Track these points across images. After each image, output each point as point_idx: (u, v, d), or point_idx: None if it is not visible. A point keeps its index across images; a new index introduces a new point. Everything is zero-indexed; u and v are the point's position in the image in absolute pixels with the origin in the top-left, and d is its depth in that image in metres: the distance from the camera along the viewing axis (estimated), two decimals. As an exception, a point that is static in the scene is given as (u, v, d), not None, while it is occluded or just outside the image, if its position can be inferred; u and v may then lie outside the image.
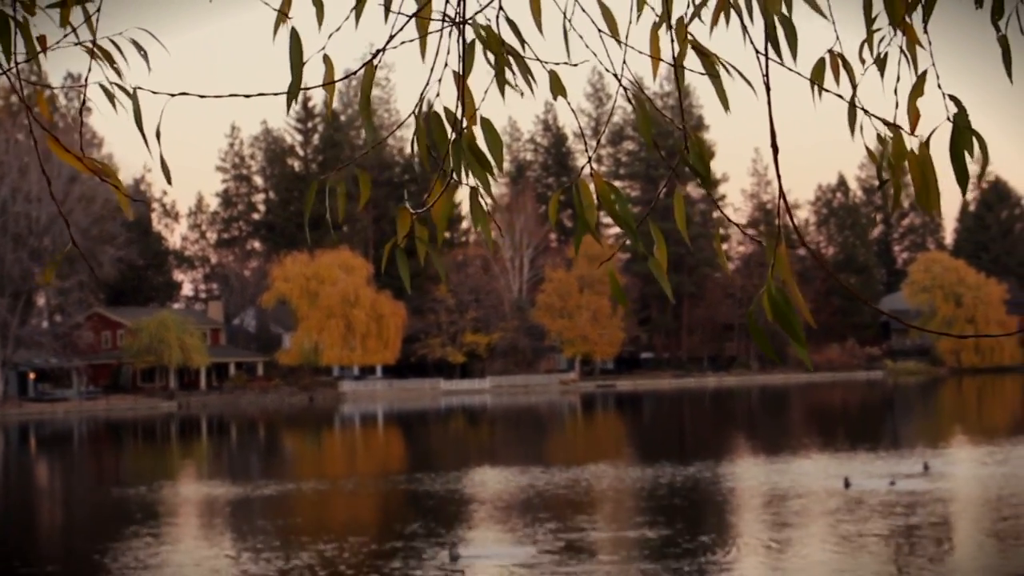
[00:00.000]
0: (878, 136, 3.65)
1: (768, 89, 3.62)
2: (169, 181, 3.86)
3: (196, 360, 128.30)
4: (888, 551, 24.99)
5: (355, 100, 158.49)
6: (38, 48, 3.67)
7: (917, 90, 3.60)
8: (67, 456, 69.24)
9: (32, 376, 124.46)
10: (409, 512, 35.27)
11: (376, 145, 4.19)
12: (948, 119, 3.46)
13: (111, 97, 3.72)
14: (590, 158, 3.76)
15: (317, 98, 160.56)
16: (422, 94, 3.66)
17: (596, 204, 3.86)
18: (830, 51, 3.71)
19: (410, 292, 6.66)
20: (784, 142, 3.85)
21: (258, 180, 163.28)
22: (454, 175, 3.67)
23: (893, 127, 3.58)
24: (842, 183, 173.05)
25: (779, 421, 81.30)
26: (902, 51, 3.62)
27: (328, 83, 3.78)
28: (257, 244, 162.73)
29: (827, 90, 3.68)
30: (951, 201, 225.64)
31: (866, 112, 3.63)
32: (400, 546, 27.46)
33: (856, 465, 42.76)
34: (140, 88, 3.69)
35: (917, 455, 46.00)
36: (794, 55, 3.60)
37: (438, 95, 3.65)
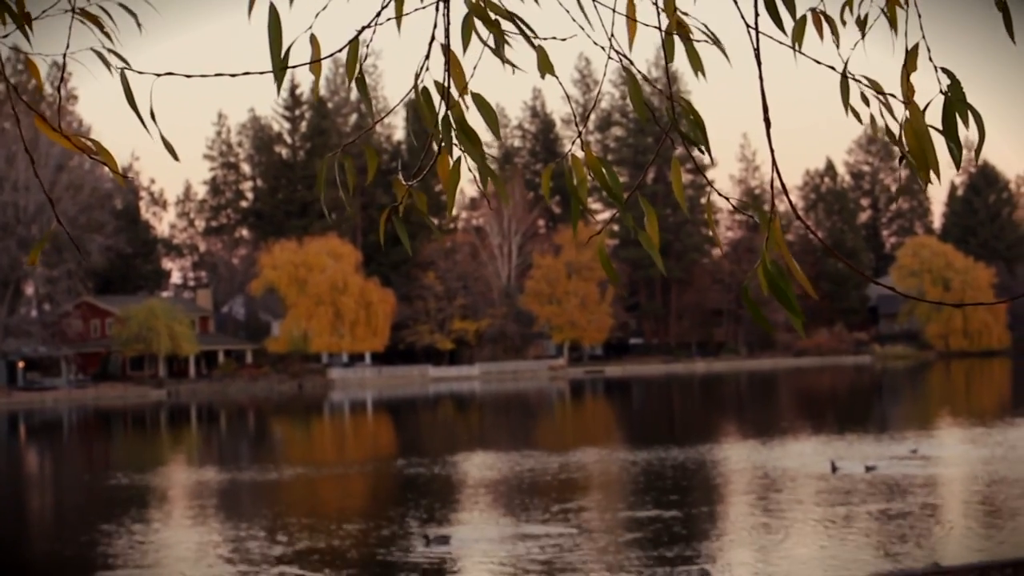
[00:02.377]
0: (863, 98, 3.66)
1: (759, 63, 3.64)
2: (175, 157, 3.87)
3: (185, 348, 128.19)
4: (876, 534, 25.07)
5: (343, 87, 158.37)
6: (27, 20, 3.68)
7: (910, 64, 3.62)
8: (57, 445, 69.20)
9: (21, 365, 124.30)
10: (398, 497, 35.31)
11: (365, 131, 4.20)
12: (941, 92, 3.48)
13: (105, 62, 3.72)
14: (580, 132, 3.78)
15: (304, 85, 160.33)
16: (420, 68, 3.67)
17: (588, 180, 3.87)
18: (812, 9, 3.73)
19: (411, 254, 6.68)
20: (776, 124, 3.88)
21: (246, 168, 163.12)
22: (446, 146, 3.69)
23: (884, 95, 3.60)
24: (830, 168, 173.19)
25: (767, 406, 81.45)
26: (883, 12, 3.64)
27: (314, 61, 3.78)
28: (245, 232, 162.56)
29: (818, 61, 3.70)
30: (939, 185, 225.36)
31: (858, 80, 3.64)
32: (389, 530, 27.51)
33: (843, 449, 42.87)
34: (128, 68, 3.69)
35: (905, 439, 46.12)
36: (781, 28, 3.62)
37: (427, 69, 3.67)
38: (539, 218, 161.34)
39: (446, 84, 3.66)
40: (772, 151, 3.66)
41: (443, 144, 3.69)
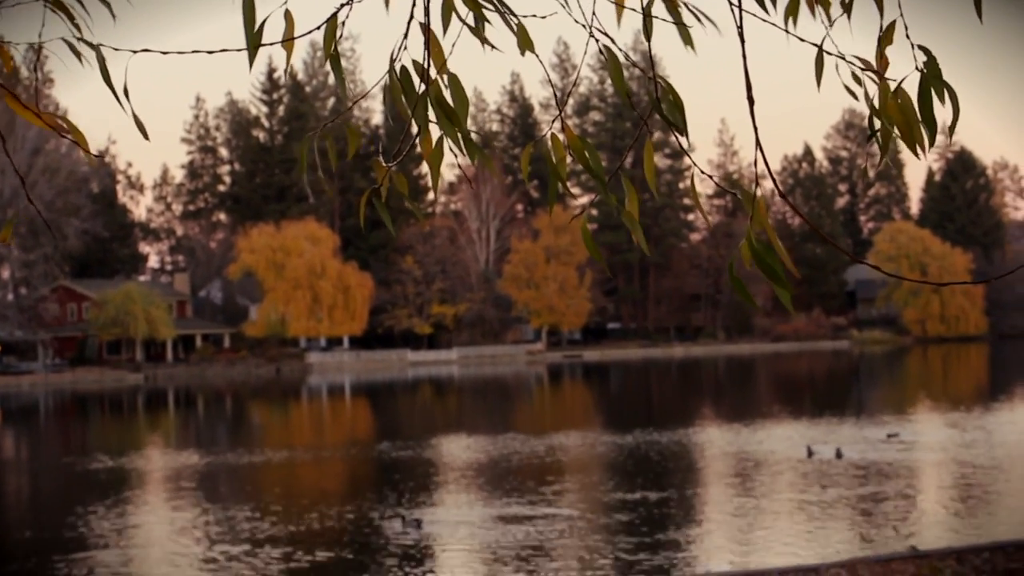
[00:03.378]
0: (854, 77, 3.65)
1: (743, 41, 3.62)
2: (145, 136, 3.83)
3: (162, 332, 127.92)
4: (852, 518, 25.13)
5: (321, 70, 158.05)
6: None
7: (886, 38, 3.60)
8: (34, 429, 68.99)
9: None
10: (376, 480, 35.31)
11: (345, 112, 4.17)
12: (917, 69, 3.47)
13: (77, 53, 3.68)
14: (560, 111, 3.75)
15: (282, 68, 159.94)
16: (398, 47, 3.64)
17: (568, 161, 3.85)
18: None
19: (393, 235, 6.71)
20: (754, 107, 3.85)
21: (223, 152, 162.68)
22: (425, 125, 3.66)
23: (868, 67, 3.58)
24: (808, 153, 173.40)
25: (745, 391, 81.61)
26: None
27: (288, 40, 3.74)
28: (223, 216, 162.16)
29: (802, 39, 3.68)
30: (917, 171, 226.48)
31: (841, 57, 3.63)
32: (366, 513, 27.50)
33: (820, 434, 42.97)
34: (103, 45, 3.65)
35: (882, 423, 46.25)
36: (763, 6, 3.59)
37: (405, 48, 3.63)
38: (517, 202, 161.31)
39: (425, 63, 3.63)
40: (756, 129, 3.64)
41: (421, 124, 3.66)
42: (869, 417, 50.54)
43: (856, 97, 3.70)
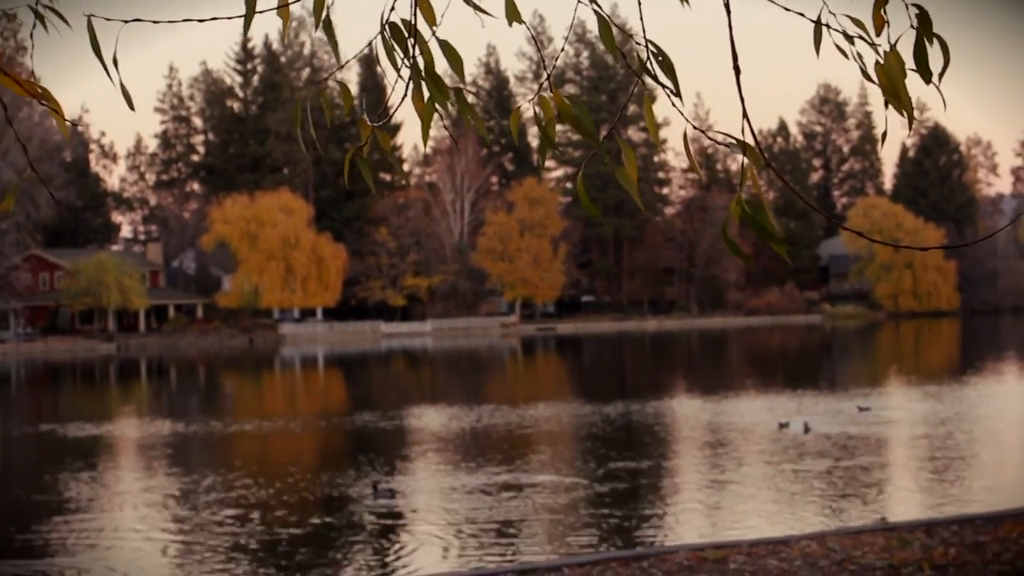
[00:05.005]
0: (845, 36, 3.67)
1: (728, 11, 3.64)
2: (131, 107, 3.84)
3: (135, 302, 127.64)
4: (823, 491, 25.26)
5: (296, 41, 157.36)
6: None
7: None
8: (5, 398, 68.79)
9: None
10: (348, 450, 35.33)
11: (338, 67, 4.18)
12: (912, 27, 3.52)
13: (41, 20, 3.67)
14: (548, 75, 3.77)
15: (257, 38, 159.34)
16: (386, 8, 3.65)
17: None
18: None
19: (374, 193, 6.75)
20: (725, 86, 3.88)
21: (197, 122, 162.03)
22: (415, 85, 3.69)
23: (860, 26, 3.61)
24: (783, 128, 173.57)
25: (718, 364, 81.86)
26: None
27: (283, 5, 3.76)
28: (196, 186, 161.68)
29: (789, 9, 3.70)
30: (891, 146, 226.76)
31: (832, 15, 3.65)
32: (338, 483, 27.53)
33: (792, 407, 43.15)
34: (93, 16, 3.66)
35: (853, 397, 46.45)
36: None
37: (393, 9, 3.64)
38: (492, 175, 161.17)
39: (413, 18, 3.64)
40: (742, 100, 3.68)
41: (410, 84, 3.68)
42: (840, 391, 50.75)
43: (847, 55, 3.72)
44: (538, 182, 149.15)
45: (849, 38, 3.66)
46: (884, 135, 4.03)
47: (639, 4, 3.78)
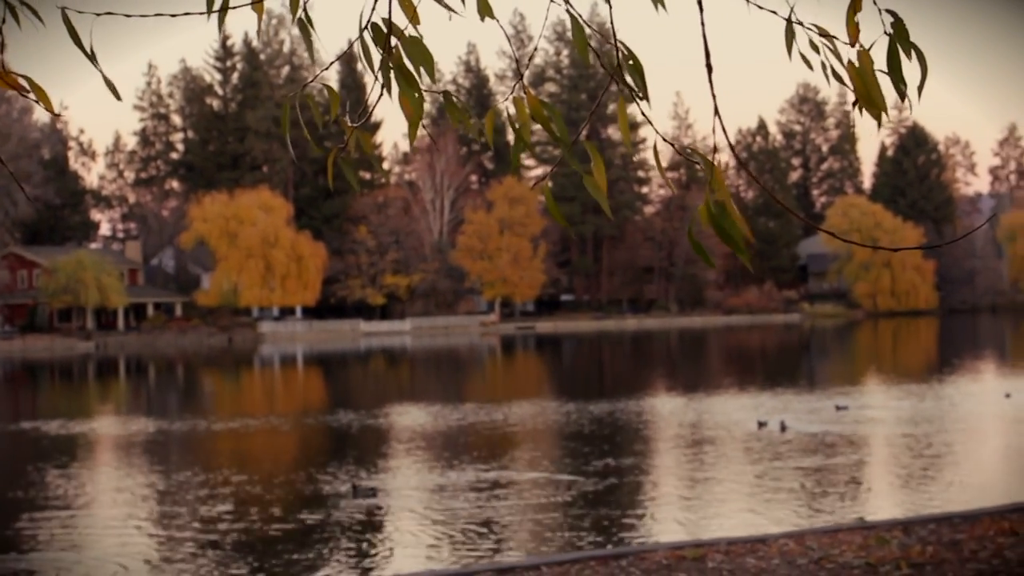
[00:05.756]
0: (811, 45, 3.69)
1: (701, 8, 3.65)
2: (117, 97, 3.85)
3: (114, 300, 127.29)
4: (801, 490, 25.32)
5: (276, 38, 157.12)
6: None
7: (856, 4, 3.65)
8: (-18, 396, 68.56)
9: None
10: (329, 449, 35.31)
11: (321, 71, 4.19)
12: (886, 32, 3.52)
13: (15, 13, 3.67)
14: (522, 76, 3.78)
15: (237, 36, 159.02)
16: (366, 7, 3.66)
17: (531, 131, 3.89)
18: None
19: (358, 190, 6.77)
20: (704, 83, 3.90)
21: (176, 119, 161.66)
22: (397, 83, 3.70)
23: (825, 34, 3.63)
24: (762, 127, 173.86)
25: (697, 363, 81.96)
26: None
27: (257, 1, 3.76)
28: (175, 184, 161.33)
29: (761, 7, 3.71)
30: (870, 146, 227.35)
31: (800, 24, 3.66)
32: (317, 482, 27.51)
33: (771, 406, 43.23)
34: (67, 8, 3.66)
35: (832, 396, 46.55)
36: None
37: (374, 9, 3.65)
38: (472, 173, 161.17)
39: (390, 19, 3.65)
40: (714, 97, 3.68)
41: (385, 85, 3.69)
42: (819, 389, 50.86)
43: (811, 67, 3.74)
44: (518, 181, 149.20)
45: (828, 37, 3.67)
46: (853, 134, 4.05)
47: (610, 6, 3.80)
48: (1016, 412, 39.92)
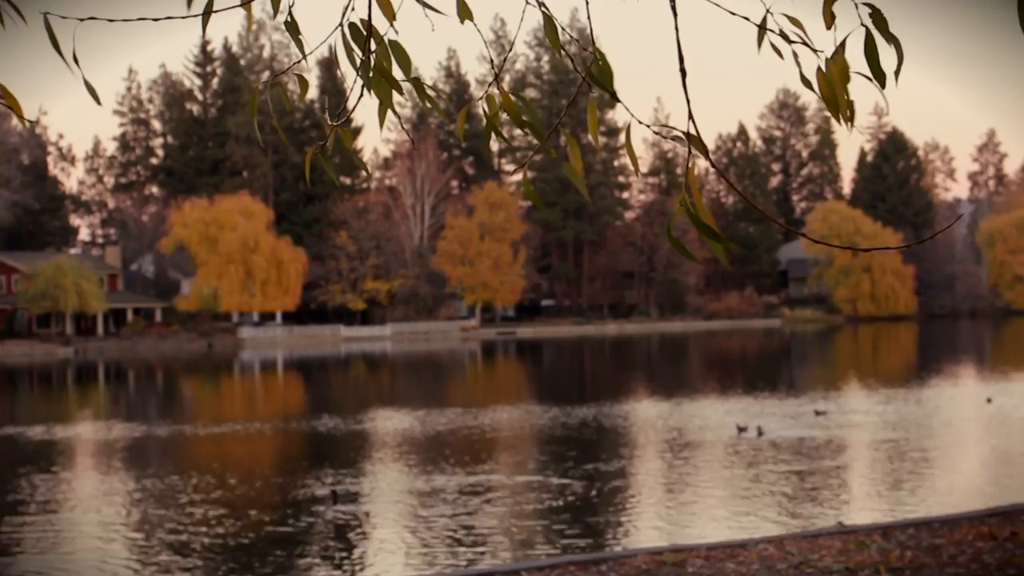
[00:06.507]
0: (782, 33, 3.69)
1: (675, 13, 3.66)
2: (98, 102, 3.85)
3: (93, 306, 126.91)
4: (780, 495, 25.35)
5: (256, 43, 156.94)
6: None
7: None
8: (-39, 402, 68.30)
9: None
10: (309, 454, 35.25)
11: (295, 63, 4.19)
12: (862, 24, 3.53)
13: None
14: (497, 76, 3.79)
15: (217, 41, 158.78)
16: (345, 7, 3.67)
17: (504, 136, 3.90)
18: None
19: (338, 187, 6.77)
20: (692, 91, 3.90)
21: (156, 124, 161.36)
22: (374, 77, 3.71)
23: (797, 24, 3.63)
24: (742, 132, 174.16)
25: (677, 368, 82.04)
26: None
27: (246, 2, 3.77)
28: (155, 189, 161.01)
29: (733, 12, 3.72)
30: (850, 151, 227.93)
31: (770, 13, 3.66)
32: (297, 487, 27.47)
33: (751, 411, 43.28)
34: (49, 13, 3.65)
35: (811, 401, 46.64)
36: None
37: (353, 9, 3.66)
38: (452, 179, 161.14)
39: (369, 19, 3.66)
40: (688, 101, 3.69)
41: (365, 85, 3.69)
42: (799, 395, 50.94)
43: (781, 55, 3.74)
44: (498, 186, 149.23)
45: (799, 25, 3.68)
46: (827, 132, 4.06)
47: (587, 7, 3.81)
48: (997, 416, 40.04)
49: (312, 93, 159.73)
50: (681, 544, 16.34)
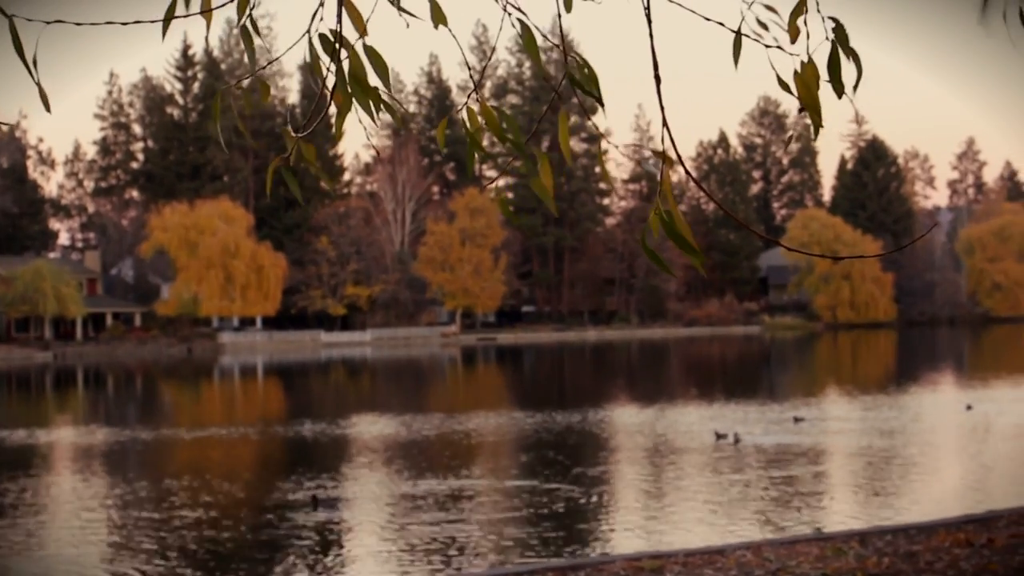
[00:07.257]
0: (760, 22, 3.73)
1: (649, 21, 3.68)
2: (48, 109, 3.84)
3: (72, 310, 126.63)
4: (758, 501, 25.40)
5: (237, 48, 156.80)
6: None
7: (798, 10, 3.70)
8: (-61, 406, 68.07)
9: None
10: (289, 459, 35.21)
11: (259, 69, 4.20)
12: (827, 39, 3.58)
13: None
14: (476, 85, 3.81)
15: (197, 45, 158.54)
16: (313, 15, 3.69)
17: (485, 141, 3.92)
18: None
19: (303, 204, 6.82)
20: (672, 98, 3.93)
21: (137, 128, 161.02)
22: (340, 88, 3.72)
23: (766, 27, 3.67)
24: (723, 140, 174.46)
25: (657, 374, 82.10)
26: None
27: (206, 10, 3.77)
28: (135, 193, 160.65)
29: (708, 18, 3.75)
30: (830, 159, 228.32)
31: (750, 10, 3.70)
32: (277, 493, 27.44)
33: (729, 418, 43.34)
34: (16, 16, 3.65)
35: (790, 408, 46.71)
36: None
37: (322, 19, 3.67)
38: (433, 184, 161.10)
39: (339, 29, 3.67)
40: (662, 108, 3.71)
41: (334, 89, 3.71)
42: (777, 401, 51.02)
43: (761, 39, 3.77)
44: (480, 192, 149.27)
45: (774, 11, 3.72)
46: (795, 137, 4.11)
47: (559, 17, 3.83)
48: (976, 423, 40.15)
49: (293, 98, 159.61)
50: (659, 550, 16.37)
